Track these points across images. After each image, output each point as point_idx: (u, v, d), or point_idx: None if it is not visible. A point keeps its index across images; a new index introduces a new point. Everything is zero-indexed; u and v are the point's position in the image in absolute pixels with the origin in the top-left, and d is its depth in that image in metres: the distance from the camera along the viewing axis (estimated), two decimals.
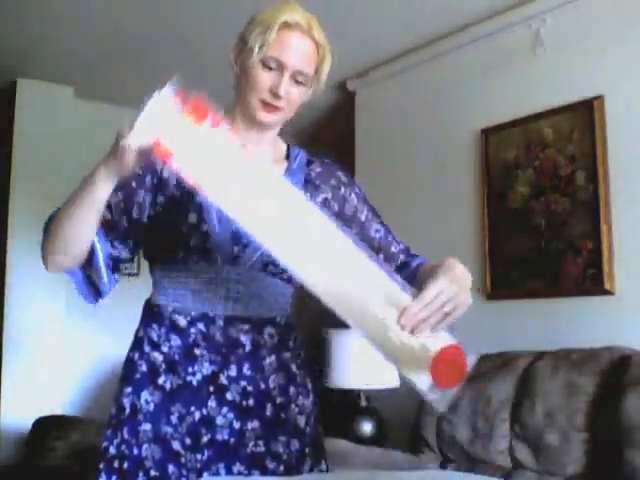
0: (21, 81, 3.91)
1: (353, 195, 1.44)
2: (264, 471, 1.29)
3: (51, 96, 3.94)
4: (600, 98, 2.80)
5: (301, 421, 1.36)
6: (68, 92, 4.01)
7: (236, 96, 1.36)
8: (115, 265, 1.32)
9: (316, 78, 1.35)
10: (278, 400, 1.33)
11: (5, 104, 3.97)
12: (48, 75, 3.86)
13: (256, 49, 1.27)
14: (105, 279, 1.29)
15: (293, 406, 1.35)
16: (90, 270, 1.29)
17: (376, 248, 1.39)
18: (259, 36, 1.28)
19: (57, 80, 3.91)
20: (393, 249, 1.43)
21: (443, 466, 2.63)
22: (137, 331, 1.36)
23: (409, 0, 3.07)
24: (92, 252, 1.27)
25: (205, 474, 1.26)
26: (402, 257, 1.42)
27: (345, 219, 1.38)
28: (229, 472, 1.27)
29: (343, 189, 1.43)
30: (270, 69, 1.28)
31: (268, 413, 1.32)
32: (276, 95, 1.28)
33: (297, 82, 1.30)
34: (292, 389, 1.36)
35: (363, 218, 1.43)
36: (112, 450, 1.28)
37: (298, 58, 1.29)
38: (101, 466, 1.28)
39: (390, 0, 3.08)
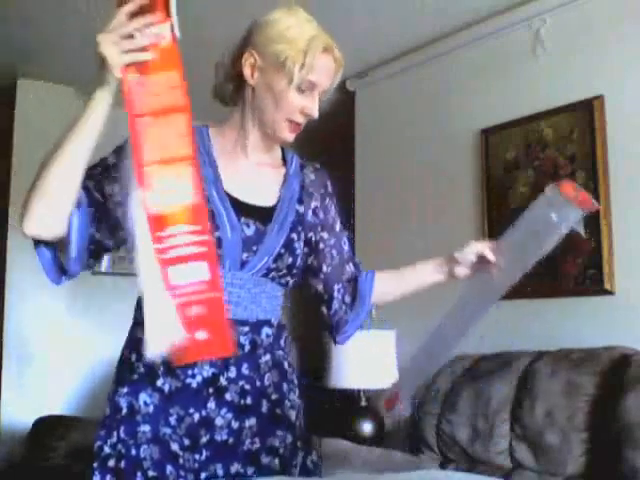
0: (21, 81, 3.91)
1: (333, 206, 1.49)
2: (259, 467, 1.31)
3: (51, 96, 3.94)
4: (600, 98, 2.80)
5: (292, 415, 1.39)
6: (68, 92, 4.01)
7: (249, 110, 1.36)
8: (97, 251, 1.30)
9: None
10: (273, 397, 1.36)
11: (5, 104, 3.97)
12: (48, 75, 3.86)
13: (296, 73, 1.28)
14: (73, 255, 1.24)
15: (286, 401, 1.38)
16: (62, 248, 1.24)
17: (345, 259, 1.48)
18: (297, 59, 1.28)
19: (57, 80, 3.91)
20: (356, 260, 1.53)
21: (443, 466, 2.63)
22: (134, 331, 1.35)
23: (409, 0, 3.08)
24: (69, 228, 1.22)
25: (203, 474, 1.27)
26: (359, 269, 1.53)
27: (327, 228, 1.45)
28: (227, 472, 1.28)
29: (328, 199, 1.48)
30: (303, 91, 1.31)
31: (264, 410, 1.34)
32: (309, 116, 1.33)
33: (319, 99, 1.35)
34: (285, 385, 1.39)
35: (337, 229, 1.49)
36: (106, 449, 1.28)
37: (328, 79, 1.34)
38: (95, 465, 1.28)
39: (390, 0, 3.08)
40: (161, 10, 1.05)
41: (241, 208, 1.32)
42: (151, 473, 1.26)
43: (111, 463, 1.27)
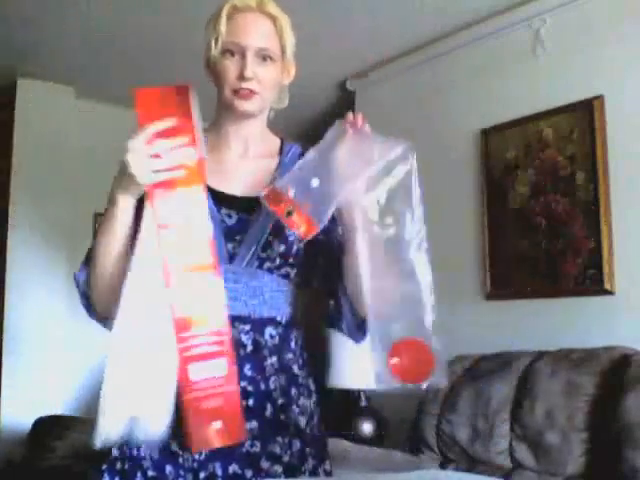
0: (21, 81, 3.91)
1: None
2: (258, 471, 1.29)
3: (51, 96, 3.94)
4: (600, 98, 2.80)
5: (302, 421, 1.35)
6: (68, 92, 4.01)
7: (218, 98, 1.36)
8: None
9: (284, 52, 1.34)
10: (279, 401, 1.32)
11: (5, 104, 3.97)
12: (48, 75, 3.86)
13: (213, 43, 1.29)
14: None
15: (294, 407, 1.34)
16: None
17: (337, 245, 1.36)
18: (212, 30, 1.30)
19: (57, 80, 3.91)
20: None
21: (443, 466, 2.63)
22: None
23: (409, 0, 3.07)
24: None
25: (202, 474, 1.26)
26: None
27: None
28: (225, 472, 1.27)
29: None
30: (233, 56, 1.29)
31: (268, 414, 1.31)
32: (244, 78, 1.28)
33: (264, 60, 1.30)
34: (293, 390, 1.35)
35: (336, 213, 1.39)
36: (114, 451, 1.28)
37: (255, 36, 1.29)
38: (104, 467, 1.28)
39: (390, 0, 3.08)
40: (188, 133, 1.16)
41: (223, 200, 1.31)
42: (150, 473, 1.26)
43: (118, 465, 1.27)
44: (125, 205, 1.20)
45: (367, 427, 3.21)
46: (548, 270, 2.92)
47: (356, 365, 3.18)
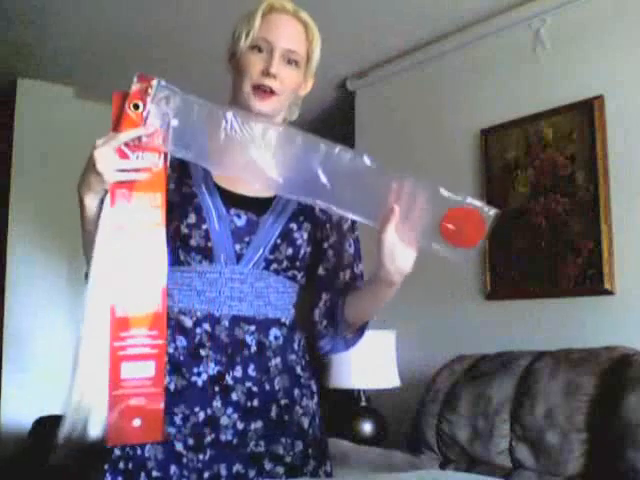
0: (21, 81, 3.91)
1: None
2: (261, 471, 1.29)
3: (51, 96, 3.95)
4: (600, 98, 2.80)
5: (304, 422, 1.36)
6: (68, 92, 4.01)
7: (232, 96, 1.36)
8: None
9: (308, 61, 1.35)
10: (282, 402, 1.33)
11: (5, 104, 3.97)
12: (48, 75, 3.86)
13: (243, 36, 1.30)
14: None
15: (297, 408, 1.35)
16: None
17: (344, 264, 1.40)
18: (245, 24, 1.31)
19: (57, 80, 3.91)
20: (356, 270, 1.44)
21: (443, 466, 2.63)
22: None
23: (409, 0, 3.07)
24: None
25: (206, 474, 1.26)
26: (359, 282, 1.43)
27: (333, 226, 1.39)
28: (230, 472, 1.27)
29: None
30: (260, 52, 1.29)
31: (272, 415, 1.31)
32: (268, 74, 1.28)
33: (289, 63, 1.31)
34: (297, 391, 1.36)
35: (345, 228, 1.43)
36: (117, 451, 1.28)
37: (286, 37, 1.30)
38: (106, 467, 1.28)
39: (390, 0, 3.08)
40: (157, 142, 1.18)
41: (232, 199, 1.31)
42: (155, 473, 1.26)
43: (121, 465, 1.27)
44: (90, 203, 1.19)
45: (367, 427, 3.21)
46: (548, 270, 2.92)
47: (356, 365, 3.18)
